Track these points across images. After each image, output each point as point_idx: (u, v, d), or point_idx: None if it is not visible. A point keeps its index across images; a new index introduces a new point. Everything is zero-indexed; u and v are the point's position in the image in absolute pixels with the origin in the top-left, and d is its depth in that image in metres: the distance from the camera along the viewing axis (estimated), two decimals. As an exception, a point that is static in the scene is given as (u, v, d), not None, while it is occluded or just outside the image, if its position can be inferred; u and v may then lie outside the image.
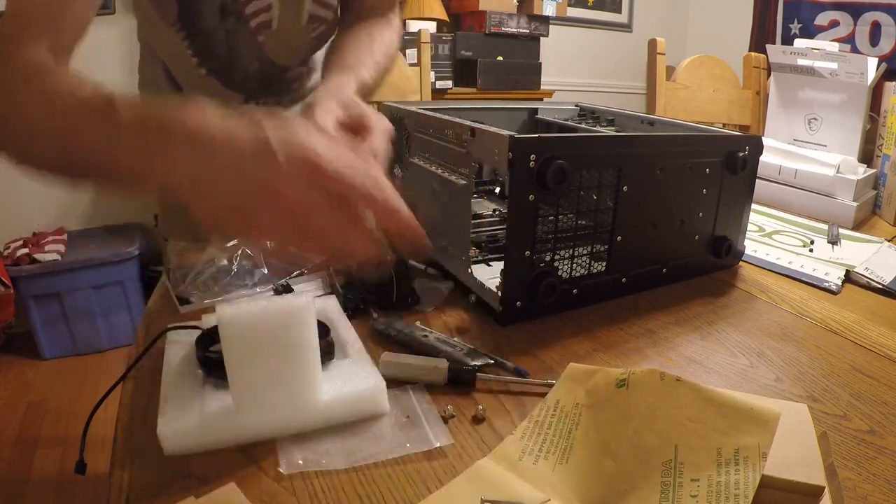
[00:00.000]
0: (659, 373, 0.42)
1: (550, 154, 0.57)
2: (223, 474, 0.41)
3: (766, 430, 0.37)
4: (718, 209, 0.75)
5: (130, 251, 1.96)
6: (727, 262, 0.81)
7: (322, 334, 0.47)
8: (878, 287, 0.77)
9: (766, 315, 0.68)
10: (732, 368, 0.56)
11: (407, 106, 0.85)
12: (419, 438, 0.44)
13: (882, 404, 0.51)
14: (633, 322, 0.65)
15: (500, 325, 0.63)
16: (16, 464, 1.49)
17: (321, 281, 0.70)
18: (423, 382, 0.51)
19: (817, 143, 1.31)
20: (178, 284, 0.67)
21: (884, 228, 1.06)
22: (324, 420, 0.45)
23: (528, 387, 0.52)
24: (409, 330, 0.58)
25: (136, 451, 0.43)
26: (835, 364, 0.58)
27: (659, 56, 1.57)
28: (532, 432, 0.45)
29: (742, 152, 0.73)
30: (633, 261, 0.70)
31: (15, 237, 1.98)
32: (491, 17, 2.40)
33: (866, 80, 1.20)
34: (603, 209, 0.66)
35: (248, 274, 0.70)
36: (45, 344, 1.97)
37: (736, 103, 1.69)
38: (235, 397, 0.43)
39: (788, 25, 2.28)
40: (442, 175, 0.71)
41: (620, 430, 0.41)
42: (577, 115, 1.04)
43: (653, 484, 0.36)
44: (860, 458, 0.44)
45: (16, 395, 1.80)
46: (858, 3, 2.05)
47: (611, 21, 3.19)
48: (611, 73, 3.21)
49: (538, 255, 0.62)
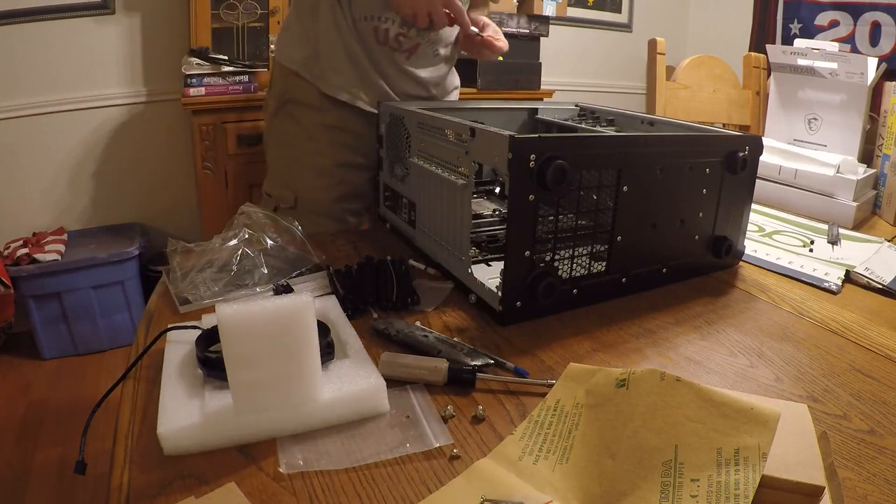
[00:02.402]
0: (659, 373, 0.42)
1: (550, 154, 0.57)
2: (223, 474, 0.41)
3: (766, 430, 0.37)
4: (718, 209, 0.75)
5: (130, 251, 1.96)
6: (727, 262, 0.81)
7: (322, 334, 0.47)
8: (878, 287, 0.77)
9: (766, 315, 0.68)
10: (732, 368, 0.56)
11: (407, 106, 0.85)
12: (419, 438, 0.44)
13: (882, 404, 0.51)
14: (633, 322, 0.65)
15: (500, 325, 0.63)
16: (16, 464, 1.49)
17: (321, 281, 0.70)
18: (422, 382, 0.51)
19: (817, 143, 1.31)
20: (177, 284, 0.67)
21: (884, 228, 1.06)
22: (324, 420, 0.45)
23: (527, 387, 0.52)
24: (409, 330, 0.58)
25: (135, 450, 0.43)
26: (835, 364, 0.58)
27: (659, 56, 1.57)
28: (532, 432, 0.45)
29: (742, 152, 0.73)
30: (633, 261, 0.70)
31: (15, 237, 1.97)
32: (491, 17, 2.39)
33: (866, 80, 1.20)
34: (603, 209, 0.66)
35: (248, 274, 0.70)
36: (45, 344, 1.97)
37: (736, 103, 1.69)
38: (235, 397, 0.43)
39: (788, 25, 2.28)
40: (442, 175, 0.71)
41: (620, 430, 0.41)
42: (577, 115, 1.04)
43: (653, 484, 0.36)
44: (860, 458, 0.44)
45: (16, 395, 1.80)
46: (858, 3, 2.05)
47: (611, 21, 3.18)
48: (611, 73, 3.21)
49: (538, 255, 0.62)
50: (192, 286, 0.67)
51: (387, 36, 0.96)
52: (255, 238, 0.74)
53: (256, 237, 0.75)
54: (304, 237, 0.77)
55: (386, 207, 0.94)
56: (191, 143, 2.05)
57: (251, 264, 0.71)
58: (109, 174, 2.14)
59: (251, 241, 0.74)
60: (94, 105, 2.05)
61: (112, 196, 2.17)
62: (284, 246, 0.76)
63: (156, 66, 2.10)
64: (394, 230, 0.92)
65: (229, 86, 1.89)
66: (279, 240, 0.76)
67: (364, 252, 0.82)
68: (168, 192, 2.24)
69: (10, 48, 1.89)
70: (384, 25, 0.95)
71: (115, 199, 2.17)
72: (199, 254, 0.72)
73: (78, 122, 2.05)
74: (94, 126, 2.08)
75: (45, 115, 1.99)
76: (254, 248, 0.73)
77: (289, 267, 0.73)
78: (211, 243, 0.73)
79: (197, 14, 1.94)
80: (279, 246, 0.76)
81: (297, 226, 0.78)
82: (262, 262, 0.71)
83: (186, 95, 1.84)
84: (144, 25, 2.06)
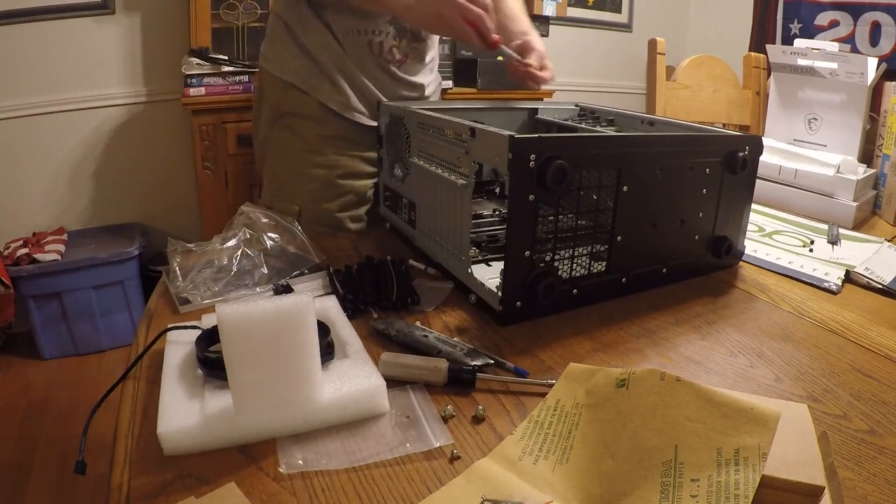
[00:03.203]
0: (659, 373, 0.42)
1: (550, 154, 0.57)
2: (223, 474, 0.41)
3: (766, 430, 0.37)
4: (718, 209, 0.75)
5: (130, 251, 1.96)
6: (727, 262, 0.81)
7: (322, 334, 0.47)
8: (878, 287, 0.77)
9: (766, 315, 0.68)
10: (732, 368, 0.56)
11: (407, 106, 0.85)
12: (419, 438, 0.44)
13: (882, 404, 0.51)
14: (633, 322, 0.65)
15: (500, 325, 0.63)
16: (16, 464, 1.49)
17: (321, 281, 0.70)
18: (422, 382, 0.51)
19: (817, 143, 1.31)
20: (177, 284, 0.67)
21: (884, 228, 1.06)
22: (324, 420, 0.45)
23: (527, 387, 0.52)
24: (409, 330, 0.58)
25: (135, 450, 0.43)
26: (835, 364, 0.58)
27: (659, 56, 1.57)
28: (532, 432, 0.45)
29: (742, 152, 0.73)
30: (633, 261, 0.70)
31: (15, 237, 1.98)
32: (491, 17, 2.40)
33: (866, 80, 1.20)
34: (603, 209, 0.66)
35: (248, 274, 0.70)
36: (45, 344, 1.97)
37: (736, 103, 1.69)
38: (235, 397, 0.43)
39: (788, 25, 2.28)
40: (442, 175, 0.71)
41: (620, 430, 0.41)
42: (577, 115, 1.04)
43: (653, 484, 0.36)
44: (860, 458, 0.44)
45: (16, 395, 1.80)
46: (858, 3, 2.05)
47: (611, 21, 3.18)
48: (611, 73, 3.21)
49: (538, 255, 0.62)
50: (192, 286, 0.67)
51: (381, 48, 0.96)
52: (255, 238, 0.75)
53: (256, 237, 0.75)
54: (304, 237, 0.77)
55: (386, 207, 0.94)
56: (191, 143, 2.05)
57: (251, 264, 0.71)
58: (109, 174, 2.14)
59: (251, 241, 0.74)
60: (94, 105, 2.05)
61: (112, 196, 2.17)
62: (284, 246, 0.76)
63: (156, 66, 2.10)
64: (394, 230, 0.92)
65: (229, 86, 1.89)
66: (279, 240, 0.76)
67: (364, 252, 0.82)
68: (168, 192, 2.24)
69: (10, 48, 1.89)
70: (378, 38, 0.95)
71: (115, 199, 2.17)
72: (199, 254, 0.72)
73: (78, 122, 2.05)
74: (94, 126, 2.08)
75: (45, 115, 2.00)
76: (254, 248, 0.73)
77: (289, 267, 0.73)
78: (211, 243, 0.73)
79: (197, 14, 1.94)
80: (279, 246, 0.76)
81: (297, 226, 0.78)
82: (262, 262, 0.71)
83: (186, 95, 1.84)
84: (144, 25, 2.06)
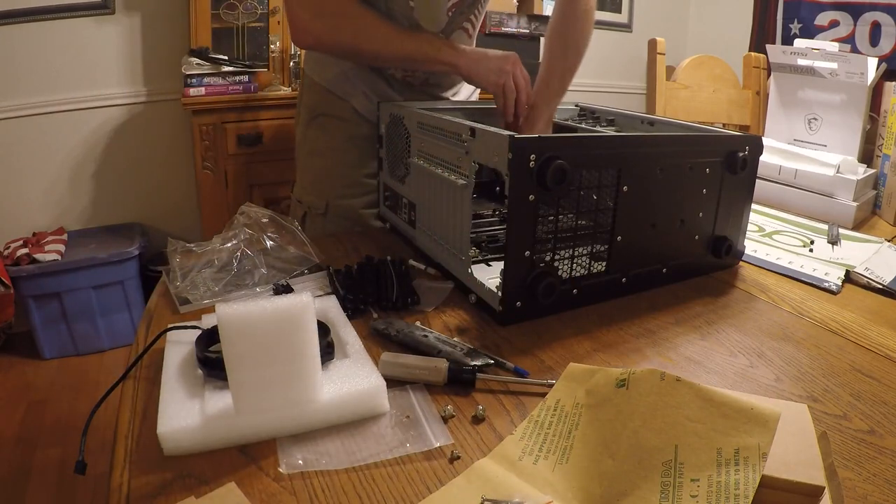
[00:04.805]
0: (659, 373, 0.42)
1: (550, 154, 0.57)
2: (223, 474, 0.41)
3: (766, 430, 0.37)
4: (718, 209, 0.75)
5: (130, 251, 1.96)
6: (727, 262, 0.81)
7: (322, 334, 0.47)
8: (878, 287, 0.77)
9: (766, 315, 0.68)
10: (732, 368, 0.56)
11: (407, 106, 0.85)
12: (419, 438, 0.44)
13: (882, 404, 0.51)
14: (633, 322, 0.65)
15: (500, 325, 0.63)
16: (16, 464, 1.49)
17: (321, 281, 0.70)
18: (422, 382, 0.51)
19: (817, 143, 1.31)
20: (177, 284, 0.67)
21: (884, 228, 1.06)
22: (324, 420, 0.45)
23: (527, 387, 0.52)
24: (409, 330, 0.58)
25: (135, 450, 0.43)
26: (835, 364, 0.58)
27: (659, 56, 1.57)
28: (532, 432, 0.45)
29: (742, 152, 0.73)
30: (633, 261, 0.70)
31: (15, 237, 1.97)
32: (491, 17, 2.39)
33: (866, 80, 1.20)
34: (603, 209, 0.66)
35: (248, 274, 0.70)
36: (45, 344, 1.97)
37: (736, 103, 1.69)
38: (235, 397, 0.43)
39: (788, 25, 2.28)
40: (442, 175, 0.71)
41: (620, 430, 0.41)
42: (577, 115, 1.04)
43: (653, 484, 0.36)
44: (860, 458, 0.44)
45: (16, 395, 1.80)
46: (858, 3, 2.05)
47: (611, 21, 3.18)
48: (611, 73, 3.21)
49: (538, 255, 0.62)
50: (192, 286, 0.67)
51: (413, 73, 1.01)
52: (255, 238, 0.74)
53: (256, 237, 0.75)
54: (304, 237, 0.77)
55: (386, 207, 0.94)
56: (191, 143, 2.05)
57: (251, 264, 0.71)
58: (109, 174, 2.14)
59: (251, 241, 0.74)
60: (94, 105, 2.05)
61: (112, 196, 2.17)
62: (284, 246, 0.76)
63: (156, 66, 2.10)
64: (394, 230, 0.92)
65: (229, 86, 1.89)
66: (279, 240, 0.76)
67: (364, 252, 0.82)
68: (168, 192, 2.24)
69: (10, 48, 1.89)
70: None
71: (115, 199, 2.17)
72: (199, 254, 0.72)
73: (78, 122, 2.05)
74: (94, 126, 2.08)
75: (45, 115, 1.99)
76: (254, 248, 0.73)
77: (289, 267, 0.73)
78: (211, 243, 0.73)
79: (197, 14, 1.94)
80: (279, 246, 0.76)
81: (296, 226, 0.78)
82: (262, 262, 0.71)
83: (186, 95, 1.84)
84: (144, 25, 2.06)
